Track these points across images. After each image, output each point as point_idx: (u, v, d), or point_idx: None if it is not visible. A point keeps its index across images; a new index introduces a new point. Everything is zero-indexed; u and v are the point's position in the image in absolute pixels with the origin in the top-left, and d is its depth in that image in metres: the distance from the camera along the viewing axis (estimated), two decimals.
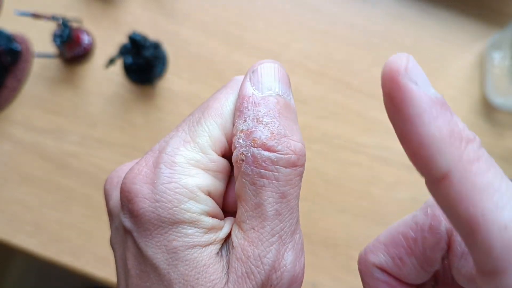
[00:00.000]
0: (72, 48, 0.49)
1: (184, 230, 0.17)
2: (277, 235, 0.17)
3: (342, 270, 0.48)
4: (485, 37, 0.53)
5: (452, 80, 0.52)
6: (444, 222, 0.17)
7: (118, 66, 0.50)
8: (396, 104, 0.13)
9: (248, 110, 0.17)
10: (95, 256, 0.47)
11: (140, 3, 0.53)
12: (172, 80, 0.51)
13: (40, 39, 0.51)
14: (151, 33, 0.51)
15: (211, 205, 0.18)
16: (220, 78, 0.51)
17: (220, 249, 0.18)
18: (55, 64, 0.51)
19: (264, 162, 0.17)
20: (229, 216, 0.20)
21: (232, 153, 0.18)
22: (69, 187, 0.49)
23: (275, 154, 0.17)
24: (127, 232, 0.18)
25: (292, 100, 0.18)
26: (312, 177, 0.49)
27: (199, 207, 0.17)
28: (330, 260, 0.48)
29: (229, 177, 0.20)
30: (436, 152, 0.12)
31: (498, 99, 0.49)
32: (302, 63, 0.51)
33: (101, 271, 0.47)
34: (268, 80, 0.18)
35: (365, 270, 0.19)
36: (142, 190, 0.17)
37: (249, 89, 0.18)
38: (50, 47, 0.50)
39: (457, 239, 0.17)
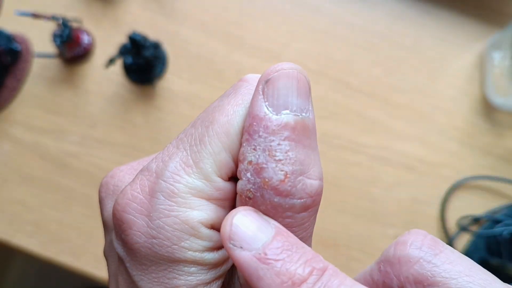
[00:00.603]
0: (72, 48, 0.49)
1: (186, 268, 0.16)
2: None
3: (342, 270, 0.47)
4: (485, 37, 0.53)
5: (452, 80, 0.52)
6: (395, 280, 0.17)
7: (118, 66, 0.50)
8: (238, 268, 0.14)
9: (259, 136, 0.15)
10: (95, 256, 0.47)
11: (140, 3, 0.53)
12: (172, 80, 0.51)
13: (40, 39, 0.51)
14: (151, 33, 0.51)
15: (216, 239, 0.16)
16: (220, 78, 0.51)
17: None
18: (55, 64, 0.51)
19: (275, 208, 0.15)
20: None
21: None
22: (69, 187, 0.49)
23: (287, 200, 0.15)
24: (120, 258, 0.17)
25: (311, 115, 0.16)
26: None
27: (202, 244, 0.16)
28: (330, 260, 0.47)
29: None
30: None
31: (498, 99, 0.49)
32: (302, 63, 0.51)
33: (101, 271, 0.47)
34: (285, 95, 0.15)
35: None
36: (136, 222, 0.16)
37: (261, 108, 0.15)
38: (50, 47, 0.50)
39: None
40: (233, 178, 0.17)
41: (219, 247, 0.16)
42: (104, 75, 0.51)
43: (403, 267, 0.16)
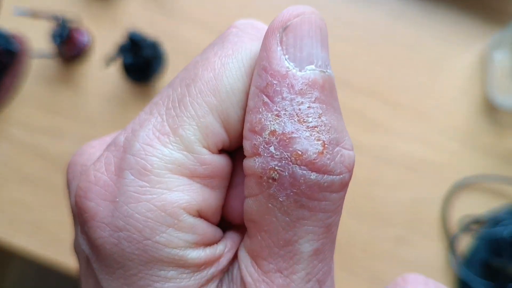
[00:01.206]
0: (71, 48, 0.49)
1: (162, 272, 0.12)
2: (314, 278, 0.12)
3: (343, 270, 0.47)
4: (486, 36, 0.52)
5: (453, 79, 0.51)
6: None
7: (117, 65, 0.50)
8: None
9: (283, 99, 0.11)
10: None
11: (140, 2, 0.52)
12: (171, 79, 0.50)
13: (39, 39, 0.51)
14: (150, 32, 0.51)
15: (203, 231, 0.12)
16: None
17: (219, 284, 0.13)
18: (54, 63, 0.51)
19: (309, 189, 0.11)
20: (230, 229, 0.14)
21: (233, 146, 0.13)
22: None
23: (326, 176, 0.11)
24: (87, 256, 0.13)
25: (332, 73, 0.13)
26: None
27: (183, 237, 0.12)
28: None
29: (230, 179, 0.14)
30: None
31: (499, 99, 0.49)
32: None
33: None
34: (309, 46, 0.12)
35: None
36: (99, 210, 0.12)
37: (281, 61, 0.12)
38: (49, 46, 0.50)
39: None
40: (224, 151, 0.13)
41: (208, 241, 0.13)
42: (103, 74, 0.51)
43: None
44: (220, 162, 0.13)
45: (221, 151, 0.13)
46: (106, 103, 0.50)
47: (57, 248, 0.47)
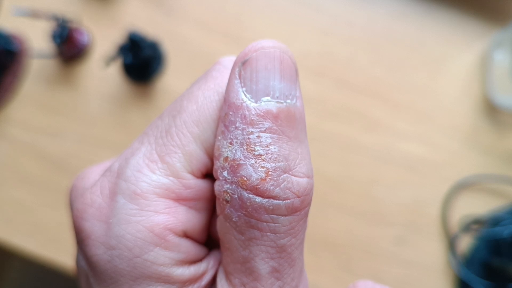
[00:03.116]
0: (71, 47, 0.49)
1: (151, 287, 0.13)
2: None
3: (342, 270, 0.47)
4: (487, 36, 0.52)
5: (453, 79, 0.51)
6: None
7: (116, 65, 0.50)
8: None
9: (236, 128, 0.12)
10: None
11: (139, 1, 0.52)
12: (171, 79, 0.50)
13: (39, 39, 0.51)
14: (150, 32, 0.51)
15: (187, 250, 0.14)
16: None
17: None
18: (53, 63, 0.51)
19: (256, 211, 0.12)
20: (215, 247, 0.15)
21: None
22: (68, 187, 0.48)
23: (271, 200, 0.12)
24: (86, 272, 0.15)
25: (299, 103, 0.13)
26: None
27: (169, 256, 0.13)
28: (330, 260, 0.47)
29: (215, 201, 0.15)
30: None
31: (500, 99, 0.49)
32: (302, 62, 0.51)
33: None
34: (265, 79, 0.12)
35: None
36: (94, 230, 0.13)
37: (237, 94, 0.13)
38: (49, 46, 0.50)
39: None
40: (210, 176, 0.14)
41: (192, 259, 0.14)
42: (103, 74, 0.51)
43: None
44: (204, 186, 0.14)
45: (206, 176, 0.14)
46: (106, 103, 0.50)
47: (56, 248, 0.47)
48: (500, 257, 0.45)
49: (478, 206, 0.49)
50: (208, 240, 0.16)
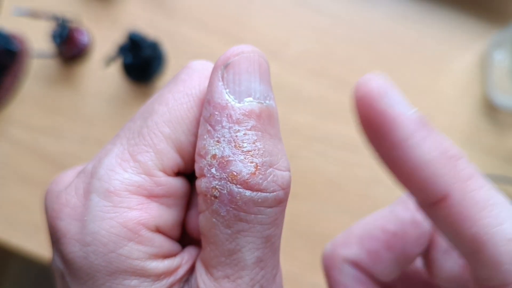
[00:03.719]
0: (71, 48, 0.49)
1: (126, 281, 0.13)
2: (257, 284, 0.14)
3: None
4: (487, 36, 0.52)
5: (453, 79, 0.51)
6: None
7: (117, 65, 0.50)
8: (377, 130, 0.12)
9: (223, 127, 0.13)
10: None
11: (140, 2, 0.52)
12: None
13: (39, 39, 0.51)
14: (150, 32, 0.51)
15: (160, 244, 0.14)
16: None
17: None
18: (53, 63, 0.51)
19: (245, 204, 0.13)
20: (190, 243, 0.16)
21: (188, 170, 0.15)
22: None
23: (259, 193, 0.13)
24: (61, 273, 0.15)
25: (273, 103, 0.14)
26: (312, 177, 0.49)
27: (143, 250, 0.14)
28: None
29: (188, 199, 0.16)
30: (431, 175, 0.12)
31: (499, 99, 0.49)
32: (302, 62, 0.51)
33: None
34: (247, 81, 0.13)
35: (333, 265, 0.17)
36: (69, 228, 0.14)
37: (222, 95, 0.13)
38: (49, 46, 0.50)
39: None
40: (180, 174, 0.15)
41: (166, 254, 0.14)
42: (103, 74, 0.51)
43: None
44: (176, 183, 0.15)
45: (178, 174, 0.15)
46: (106, 103, 0.50)
47: None
48: None
49: None
50: (182, 238, 0.16)
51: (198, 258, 0.15)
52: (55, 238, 0.14)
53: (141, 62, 0.47)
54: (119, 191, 0.14)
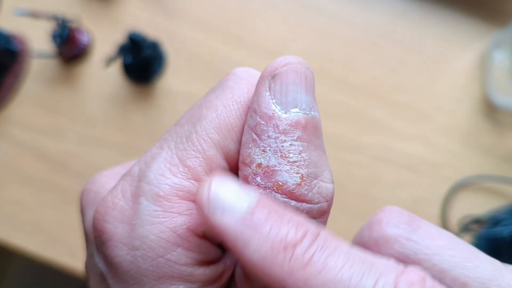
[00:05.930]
0: (71, 48, 0.49)
1: (173, 286, 0.13)
2: None
3: None
4: (487, 36, 0.52)
5: (453, 79, 0.51)
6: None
7: (117, 66, 0.50)
8: (219, 237, 0.12)
9: (269, 137, 0.13)
10: None
11: (140, 2, 0.52)
12: (171, 79, 0.50)
13: (39, 39, 0.51)
14: (151, 32, 0.51)
15: (207, 251, 0.14)
16: (220, 77, 0.50)
17: None
18: (54, 63, 0.51)
19: None
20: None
21: (235, 174, 0.15)
22: (68, 187, 0.48)
23: (304, 204, 0.13)
24: (102, 274, 0.15)
25: (318, 114, 0.14)
26: None
27: (191, 256, 0.14)
28: None
29: None
30: (266, 272, 0.11)
31: (499, 99, 0.49)
32: None
33: None
34: (294, 92, 0.13)
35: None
36: (117, 232, 0.14)
37: (269, 105, 0.13)
38: (49, 46, 0.50)
39: None
40: None
41: (212, 260, 0.14)
42: (103, 74, 0.51)
43: (382, 249, 0.14)
44: None
45: None
46: (106, 103, 0.50)
47: (56, 248, 0.47)
48: (500, 257, 0.44)
49: (477, 206, 0.49)
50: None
51: (238, 264, 0.15)
52: (101, 241, 0.14)
53: (141, 62, 0.47)
54: (169, 196, 0.14)
